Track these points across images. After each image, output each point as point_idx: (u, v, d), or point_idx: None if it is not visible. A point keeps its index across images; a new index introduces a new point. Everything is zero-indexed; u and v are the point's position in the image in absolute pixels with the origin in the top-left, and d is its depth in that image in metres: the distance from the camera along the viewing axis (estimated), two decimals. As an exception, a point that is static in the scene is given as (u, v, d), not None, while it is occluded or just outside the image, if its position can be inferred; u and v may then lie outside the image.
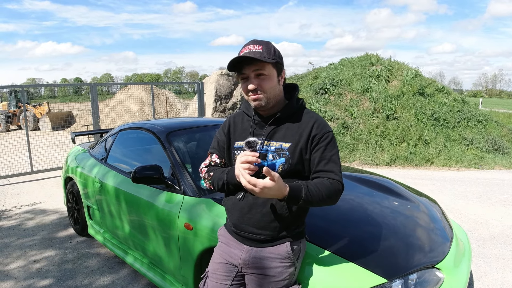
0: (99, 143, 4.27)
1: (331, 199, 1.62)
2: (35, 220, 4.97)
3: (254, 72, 1.61)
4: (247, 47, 1.61)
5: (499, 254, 3.82)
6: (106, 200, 3.50)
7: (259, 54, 1.58)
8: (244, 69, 1.62)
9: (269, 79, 1.63)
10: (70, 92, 78.19)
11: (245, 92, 1.66)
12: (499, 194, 5.99)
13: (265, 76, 1.62)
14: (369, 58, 12.84)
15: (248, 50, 1.59)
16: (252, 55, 1.57)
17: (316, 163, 1.65)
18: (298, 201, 1.54)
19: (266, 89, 1.63)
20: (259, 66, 1.60)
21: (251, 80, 1.63)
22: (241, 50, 1.63)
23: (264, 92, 1.63)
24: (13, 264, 3.68)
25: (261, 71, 1.61)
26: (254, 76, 1.62)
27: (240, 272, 1.76)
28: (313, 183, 1.60)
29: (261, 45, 1.61)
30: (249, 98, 1.66)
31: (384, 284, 1.83)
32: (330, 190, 1.60)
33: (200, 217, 2.40)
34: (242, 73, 1.64)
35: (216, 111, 10.77)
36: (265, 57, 1.58)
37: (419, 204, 2.84)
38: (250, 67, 1.60)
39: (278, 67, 1.66)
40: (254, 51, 1.59)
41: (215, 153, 1.85)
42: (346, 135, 9.66)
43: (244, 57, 1.58)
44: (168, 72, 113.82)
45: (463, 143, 9.30)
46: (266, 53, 1.60)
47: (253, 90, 1.62)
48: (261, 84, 1.62)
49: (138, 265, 3.16)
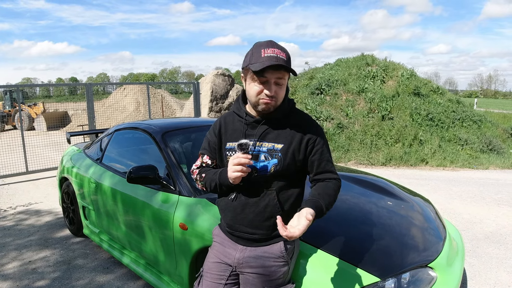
0: (95, 143, 4.26)
1: (337, 195, 1.74)
2: (31, 220, 4.96)
3: (276, 79, 1.60)
4: (272, 50, 1.58)
5: (493, 253, 3.85)
6: (101, 200, 3.50)
7: (285, 62, 1.58)
8: (268, 73, 1.57)
9: (284, 87, 1.65)
10: (65, 92, 77.86)
11: (257, 93, 1.62)
12: (493, 194, 6.03)
13: (283, 85, 1.64)
14: (364, 59, 12.89)
15: (275, 54, 1.57)
16: (280, 62, 1.56)
17: (316, 166, 1.72)
18: (322, 215, 1.62)
19: (279, 96, 1.64)
20: (282, 74, 1.60)
21: (270, 85, 1.60)
22: (264, 49, 1.58)
23: (277, 99, 1.64)
24: (9, 264, 3.68)
25: (282, 80, 1.61)
26: (274, 82, 1.61)
27: (234, 272, 1.77)
28: (323, 193, 1.66)
29: (284, 53, 1.60)
30: (260, 101, 1.63)
31: (377, 283, 1.85)
32: (336, 192, 1.72)
33: (195, 217, 2.41)
34: (264, 77, 1.59)
35: (212, 111, 10.78)
36: (291, 68, 1.60)
37: (413, 204, 2.87)
38: (275, 73, 1.58)
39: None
40: (281, 57, 1.57)
41: (206, 154, 1.84)
42: (342, 135, 9.69)
43: (278, 65, 1.55)
44: (164, 72, 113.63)
45: (458, 143, 9.36)
46: (289, 60, 1.61)
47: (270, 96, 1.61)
48: (277, 91, 1.62)
49: (134, 265, 3.17)
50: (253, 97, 1.64)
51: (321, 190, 1.67)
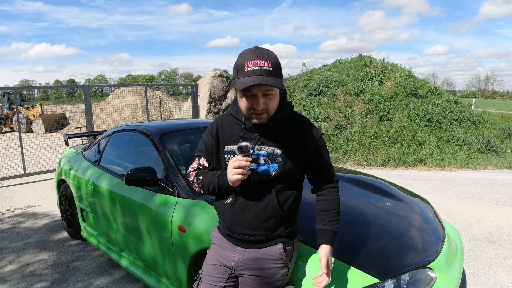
0: (92, 145, 4.25)
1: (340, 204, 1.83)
2: (28, 223, 4.94)
3: (263, 92, 1.55)
4: (255, 62, 1.50)
5: (491, 253, 3.85)
6: (99, 203, 3.49)
7: (270, 73, 1.50)
8: (253, 88, 1.52)
9: (275, 97, 1.60)
10: (63, 94, 77.76)
11: (246, 108, 1.59)
12: (491, 194, 6.04)
13: (272, 95, 1.58)
14: (362, 60, 12.90)
15: (258, 67, 1.49)
16: (264, 75, 1.49)
17: (316, 171, 1.77)
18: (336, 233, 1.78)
19: (271, 108, 1.59)
20: (269, 87, 1.53)
21: (258, 99, 1.55)
22: (247, 62, 1.51)
23: (268, 111, 1.59)
24: (7, 267, 3.66)
25: (271, 91, 1.55)
26: (261, 95, 1.55)
27: (233, 274, 1.76)
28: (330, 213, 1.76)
29: (270, 61, 1.51)
30: (251, 115, 1.60)
31: (377, 284, 1.84)
32: (338, 201, 1.80)
33: (193, 219, 2.40)
34: (249, 91, 1.54)
35: (210, 112, 10.77)
36: (277, 80, 1.52)
37: (412, 204, 2.86)
38: (260, 88, 1.52)
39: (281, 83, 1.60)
40: (265, 69, 1.49)
41: (203, 156, 1.82)
42: (340, 136, 9.70)
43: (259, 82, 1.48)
44: (162, 74, 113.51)
45: (456, 144, 9.37)
46: (275, 70, 1.53)
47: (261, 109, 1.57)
48: (267, 103, 1.57)
49: (132, 268, 3.15)
50: (244, 111, 1.62)
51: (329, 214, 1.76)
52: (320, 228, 1.76)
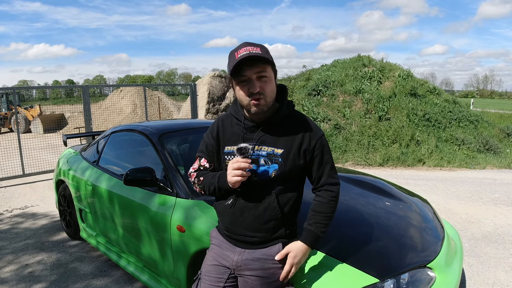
0: (91, 146, 4.24)
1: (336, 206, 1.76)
2: (27, 223, 4.93)
3: (257, 74, 1.54)
4: (245, 49, 1.52)
5: (491, 253, 3.86)
6: (98, 203, 3.48)
7: (260, 55, 1.51)
8: (245, 71, 1.53)
9: (270, 81, 1.58)
10: (62, 94, 77.65)
11: (246, 95, 1.57)
12: (490, 194, 6.04)
13: (267, 78, 1.57)
14: (361, 60, 12.90)
15: (247, 51, 1.51)
16: (254, 55, 1.50)
17: (315, 172, 1.73)
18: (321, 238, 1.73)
19: (267, 92, 1.58)
20: (261, 67, 1.54)
21: (253, 82, 1.55)
22: (236, 52, 1.54)
23: (266, 96, 1.57)
24: (6, 268, 3.65)
25: (264, 73, 1.55)
26: (256, 78, 1.55)
27: (232, 274, 1.76)
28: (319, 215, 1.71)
29: (258, 47, 1.54)
30: (250, 103, 1.58)
31: (376, 284, 1.84)
32: (332, 206, 1.73)
33: (192, 219, 2.40)
34: (242, 75, 1.55)
35: (209, 112, 10.77)
36: (267, 58, 1.53)
37: (411, 204, 2.86)
38: (252, 68, 1.53)
39: (274, 69, 1.62)
40: (254, 52, 1.51)
41: (204, 157, 1.82)
42: (339, 136, 9.70)
43: (249, 57, 1.50)
44: (161, 74, 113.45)
45: (455, 143, 9.38)
46: (265, 54, 1.54)
47: (256, 93, 1.55)
48: (263, 86, 1.56)
49: (131, 268, 3.15)
50: (243, 101, 1.61)
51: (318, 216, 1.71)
52: (304, 226, 1.72)
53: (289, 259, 1.67)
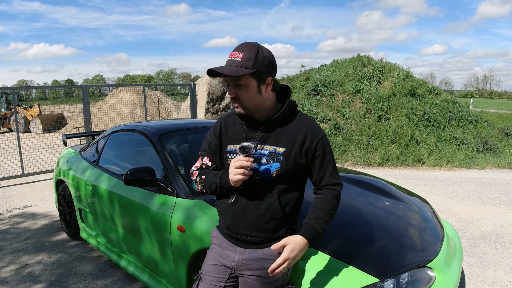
0: (91, 146, 4.24)
1: (338, 205, 1.75)
2: (27, 223, 4.93)
3: (232, 82, 1.61)
4: (232, 54, 1.60)
5: (490, 253, 3.86)
6: (98, 203, 3.48)
7: (236, 63, 1.57)
8: (226, 77, 1.61)
9: (246, 90, 1.61)
10: (61, 94, 77.56)
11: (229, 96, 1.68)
12: (489, 194, 6.05)
13: (242, 86, 1.61)
14: (360, 60, 12.91)
15: (231, 57, 1.59)
16: (229, 63, 1.57)
17: (317, 172, 1.72)
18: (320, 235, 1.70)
19: (242, 99, 1.63)
20: (236, 78, 1.59)
21: (230, 88, 1.64)
22: (230, 53, 1.63)
23: (241, 101, 1.64)
24: (5, 268, 3.65)
25: (237, 82, 1.60)
26: (232, 85, 1.62)
27: (233, 274, 1.76)
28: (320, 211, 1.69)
29: (242, 53, 1.57)
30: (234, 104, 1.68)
31: (376, 283, 1.84)
32: (334, 204, 1.72)
33: (193, 219, 2.40)
34: (225, 81, 1.66)
35: (209, 112, 10.76)
36: (239, 68, 1.55)
37: (411, 204, 2.87)
38: (227, 77, 1.60)
39: (258, 76, 1.60)
40: (233, 59, 1.57)
41: (206, 155, 1.83)
42: (338, 136, 9.70)
43: (215, 72, 1.58)
44: (160, 74, 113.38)
45: (454, 143, 9.39)
46: (245, 62, 1.56)
47: (232, 98, 1.64)
48: (238, 92, 1.62)
49: (132, 268, 3.15)
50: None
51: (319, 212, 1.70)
52: (304, 221, 1.70)
53: (285, 251, 1.60)
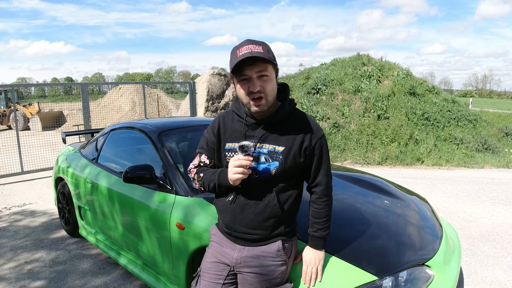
0: (90, 143, 4.24)
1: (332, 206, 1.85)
2: (26, 221, 4.93)
3: (257, 74, 1.54)
4: (247, 47, 1.52)
5: (489, 252, 3.87)
6: (97, 201, 3.48)
7: (260, 54, 1.51)
8: (246, 70, 1.53)
9: (271, 81, 1.58)
10: (60, 91, 77.44)
11: (246, 94, 1.58)
12: (488, 193, 6.06)
13: (267, 78, 1.56)
14: (360, 58, 12.91)
15: (249, 50, 1.51)
16: (255, 55, 1.50)
17: (313, 172, 1.76)
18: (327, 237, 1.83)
19: (268, 91, 1.57)
20: (262, 67, 1.54)
21: (253, 81, 1.55)
22: (238, 49, 1.54)
23: (266, 95, 1.57)
24: (5, 265, 3.65)
25: (264, 72, 1.55)
26: (256, 77, 1.55)
27: (232, 271, 1.77)
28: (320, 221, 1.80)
29: (260, 45, 1.53)
30: (250, 102, 1.59)
31: (375, 281, 1.85)
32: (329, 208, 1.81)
33: (192, 217, 2.40)
34: (243, 74, 1.55)
35: (208, 110, 10.77)
36: (268, 57, 1.53)
37: (410, 202, 2.87)
38: (253, 68, 1.53)
39: (276, 68, 1.62)
40: (256, 51, 1.51)
41: (204, 153, 1.82)
42: (338, 135, 9.71)
43: (250, 57, 1.50)
44: (159, 72, 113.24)
45: (453, 143, 9.40)
46: (267, 53, 1.53)
47: (256, 92, 1.55)
48: (263, 86, 1.56)
49: (131, 266, 3.15)
50: (243, 100, 1.61)
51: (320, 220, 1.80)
52: (311, 233, 1.82)
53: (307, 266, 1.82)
